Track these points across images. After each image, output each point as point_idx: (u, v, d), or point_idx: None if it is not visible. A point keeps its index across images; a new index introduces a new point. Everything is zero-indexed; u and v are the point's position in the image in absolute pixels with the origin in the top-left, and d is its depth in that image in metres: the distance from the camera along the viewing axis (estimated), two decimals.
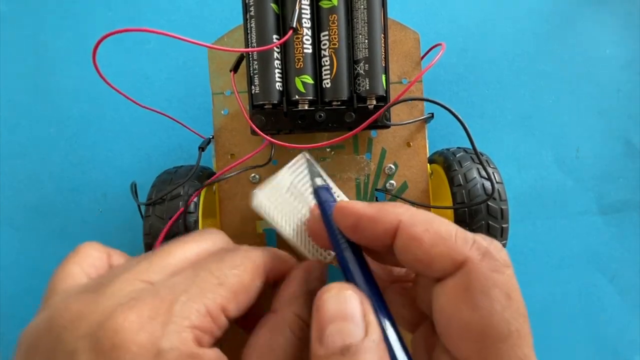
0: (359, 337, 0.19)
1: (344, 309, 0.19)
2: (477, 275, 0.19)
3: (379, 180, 0.33)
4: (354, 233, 0.22)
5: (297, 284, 0.24)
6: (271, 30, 0.29)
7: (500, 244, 0.20)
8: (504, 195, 0.30)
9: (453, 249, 0.19)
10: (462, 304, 0.19)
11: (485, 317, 0.18)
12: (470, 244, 0.19)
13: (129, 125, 0.44)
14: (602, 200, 0.44)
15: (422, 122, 0.33)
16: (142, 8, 0.44)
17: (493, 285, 0.18)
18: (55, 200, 0.44)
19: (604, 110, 0.44)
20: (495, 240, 0.20)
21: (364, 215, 0.22)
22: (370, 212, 0.21)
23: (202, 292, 0.20)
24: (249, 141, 0.33)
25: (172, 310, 0.19)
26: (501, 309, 0.18)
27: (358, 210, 0.22)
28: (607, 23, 0.44)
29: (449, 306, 0.19)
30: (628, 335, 0.44)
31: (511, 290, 0.19)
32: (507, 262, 0.19)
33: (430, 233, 0.20)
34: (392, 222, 0.21)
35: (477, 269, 0.19)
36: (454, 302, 0.19)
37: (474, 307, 0.18)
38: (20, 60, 0.44)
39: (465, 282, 0.19)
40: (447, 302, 0.19)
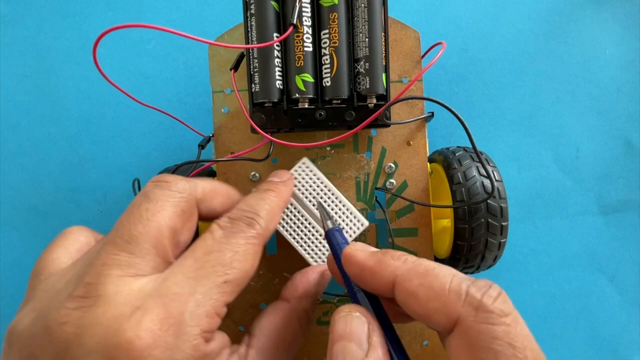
0: (359, 357, 0.19)
1: (350, 329, 0.20)
2: (474, 332, 0.18)
3: (379, 179, 0.33)
4: (359, 282, 0.22)
5: (311, 284, 0.27)
6: (271, 28, 0.29)
7: (496, 290, 0.19)
8: (504, 193, 0.30)
9: (447, 304, 0.19)
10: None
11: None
12: (462, 298, 0.19)
13: (129, 125, 0.44)
14: (602, 200, 0.44)
15: (422, 121, 0.33)
16: (142, 8, 0.44)
17: (492, 339, 0.18)
18: (55, 200, 0.44)
19: (604, 110, 0.44)
20: (493, 286, 0.19)
21: (365, 267, 0.22)
22: (370, 264, 0.21)
23: (209, 295, 0.20)
24: (249, 139, 0.33)
25: (183, 319, 0.19)
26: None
27: (359, 261, 0.22)
28: (607, 23, 0.44)
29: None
30: (628, 335, 0.44)
31: (513, 339, 0.18)
32: (504, 310, 0.18)
33: (425, 288, 0.20)
34: (389, 277, 0.21)
35: (472, 325, 0.18)
36: (462, 358, 0.19)
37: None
38: (20, 60, 0.44)
39: (465, 340, 0.18)
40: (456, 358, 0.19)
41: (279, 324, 0.24)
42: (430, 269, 0.20)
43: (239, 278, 0.22)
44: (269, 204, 0.25)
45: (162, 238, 0.21)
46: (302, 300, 0.26)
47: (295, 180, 0.30)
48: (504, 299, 0.19)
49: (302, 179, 0.31)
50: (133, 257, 0.21)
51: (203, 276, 0.21)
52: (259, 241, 0.23)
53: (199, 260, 0.21)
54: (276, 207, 0.26)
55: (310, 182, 0.31)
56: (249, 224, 0.23)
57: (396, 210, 0.33)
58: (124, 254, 0.21)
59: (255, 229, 0.23)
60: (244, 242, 0.23)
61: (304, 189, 0.30)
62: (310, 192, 0.31)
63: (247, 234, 0.23)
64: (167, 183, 0.23)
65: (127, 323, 0.19)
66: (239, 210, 0.24)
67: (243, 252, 0.22)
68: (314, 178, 0.31)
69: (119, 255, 0.20)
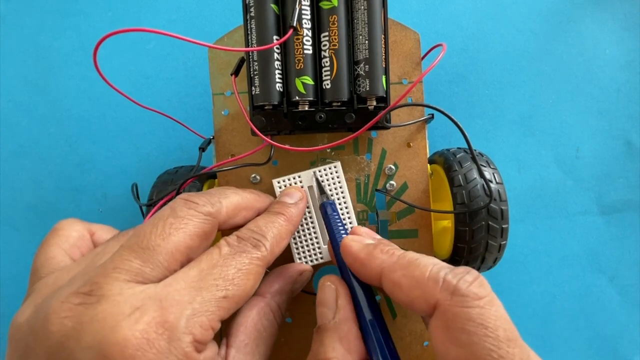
0: (328, 318, 0.23)
1: (322, 296, 0.25)
2: (450, 315, 0.20)
3: (379, 180, 0.33)
4: (354, 271, 0.25)
5: (288, 281, 0.28)
6: (271, 30, 0.29)
7: (473, 275, 0.21)
8: (504, 195, 0.30)
9: (426, 291, 0.21)
10: (448, 343, 0.20)
11: (469, 351, 0.19)
12: (440, 284, 0.20)
13: (129, 125, 0.44)
14: (602, 200, 0.44)
15: (422, 123, 0.33)
16: (142, 8, 0.44)
17: (467, 320, 0.19)
18: (55, 200, 0.44)
19: (604, 110, 0.44)
20: (471, 272, 0.21)
21: (356, 259, 0.24)
22: (362, 257, 0.24)
23: (207, 306, 0.21)
24: (249, 141, 0.33)
25: (178, 325, 0.20)
26: (479, 340, 0.19)
27: (352, 253, 0.24)
28: (607, 23, 0.44)
29: (438, 345, 0.20)
30: (628, 335, 0.44)
31: (486, 320, 0.19)
32: (478, 294, 0.20)
33: (407, 278, 0.21)
34: (377, 270, 0.23)
35: (448, 309, 0.20)
36: (440, 341, 0.20)
37: (457, 344, 0.19)
38: (20, 60, 0.44)
39: (442, 322, 0.20)
40: (436, 341, 0.20)
41: (254, 319, 0.25)
42: (413, 259, 0.22)
43: (238, 296, 0.22)
44: (277, 228, 0.26)
45: (177, 254, 0.22)
46: (276, 296, 0.27)
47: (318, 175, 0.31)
48: (479, 283, 0.20)
49: (325, 180, 0.31)
50: (144, 266, 0.21)
51: (204, 287, 0.21)
52: (262, 263, 0.24)
53: (203, 272, 0.22)
54: (284, 233, 0.26)
55: (331, 187, 0.31)
56: (255, 246, 0.24)
57: (396, 212, 0.33)
58: (137, 261, 0.21)
59: (261, 251, 0.24)
60: (248, 261, 0.23)
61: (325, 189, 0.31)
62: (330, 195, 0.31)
63: (252, 254, 0.23)
64: (196, 205, 0.24)
65: (124, 322, 0.19)
66: (248, 230, 0.25)
67: (246, 270, 0.23)
68: (337, 184, 0.31)
69: (131, 262, 0.21)
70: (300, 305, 0.34)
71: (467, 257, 0.31)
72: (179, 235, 0.22)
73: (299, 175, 0.31)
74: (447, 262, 0.33)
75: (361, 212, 0.33)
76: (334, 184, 0.31)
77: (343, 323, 0.23)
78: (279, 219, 0.27)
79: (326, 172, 0.31)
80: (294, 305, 0.34)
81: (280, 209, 0.28)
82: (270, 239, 0.25)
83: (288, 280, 0.28)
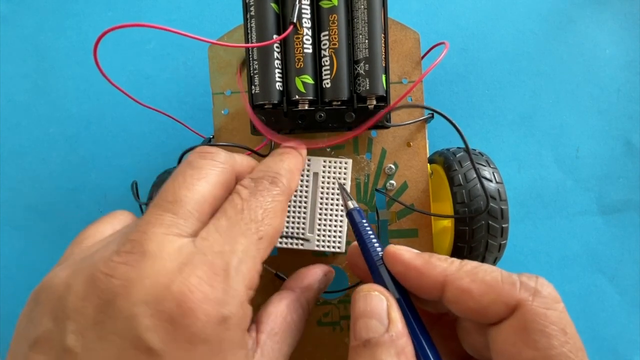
0: (380, 332, 0.21)
1: (370, 307, 0.22)
2: (532, 315, 0.19)
3: (379, 180, 0.33)
4: (404, 282, 0.23)
5: (316, 279, 0.28)
6: (271, 29, 0.29)
7: (546, 281, 0.20)
8: (504, 195, 0.30)
9: (503, 294, 0.20)
10: (522, 345, 0.19)
11: (546, 354, 0.19)
12: (518, 286, 0.20)
13: (129, 125, 0.44)
14: (602, 200, 0.44)
15: (422, 122, 0.33)
16: (142, 8, 0.44)
17: (549, 323, 0.19)
18: (55, 200, 0.44)
19: (604, 110, 0.44)
20: (540, 277, 0.21)
21: (411, 266, 0.22)
22: (418, 264, 0.22)
23: (249, 251, 0.21)
24: (249, 141, 0.33)
25: (229, 276, 0.20)
26: (560, 345, 0.19)
27: (405, 261, 0.23)
28: (607, 23, 0.44)
29: (510, 347, 0.20)
30: (628, 335, 0.44)
31: (566, 325, 0.19)
32: (557, 297, 0.20)
33: (477, 283, 0.21)
34: (439, 277, 0.22)
35: (531, 309, 0.19)
36: (513, 343, 0.20)
37: (534, 346, 0.19)
38: (20, 60, 0.44)
39: (521, 323, 0.19)
40: (507, 344, 0.20)
41: (284, 311, 0.25)
42: (477, 266, 0.21)
43: (271, 234, 0.22)
44: (288, 164, 0.26)
45: (204, 203, 0.22)
46: (305, 292, 0.27)
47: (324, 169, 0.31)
48: (552, 287, 0.20)
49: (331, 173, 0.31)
50: (176, 218, 0.21)
51: (240, 234, 0.21)
52: (284, 198, 0.24)
53: (232, 219, 0.22)
54: (294, 167, 0.26)
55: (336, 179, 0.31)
56: (272, 182, 0.24)
57: (396, 212, 0.33)
58: (168, 215, 0.21)
59: (279, 186, 0.24)
60: (271, 199, 0.23)
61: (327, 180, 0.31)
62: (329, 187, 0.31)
63: (272, 191, 0.23)
64: (211, 154, 0.24)
65: (177, 277, 0.19)
66: (260, 171, 0.25)
67: (272, 208, 0.23)
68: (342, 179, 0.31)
69: (163, 216, 0.21)
70: None
71: (467, 257, 0.31)
72: (202, 184, 0.22)
73: (309, 159, 0.31)
74: None
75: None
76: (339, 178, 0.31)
77: (400, 337, 0.21)
78: (285, 156, 0.27)
79: (335, 164, 0.31)
80: None
81: (283, 150, 0.28)
82: (284, 173, 0.25)
83: (315, 278, 0.28)
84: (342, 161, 0.31)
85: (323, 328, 0.34)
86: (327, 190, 0.31)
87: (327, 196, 0.31)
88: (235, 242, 0.21)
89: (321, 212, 0.31)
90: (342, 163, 0.31)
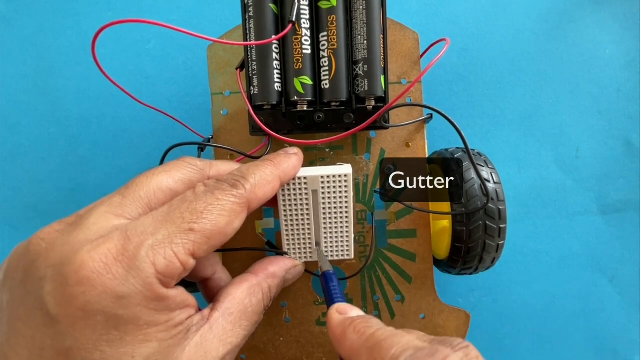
0: None
1: None
2: None
3: (378, 180, 0.33)
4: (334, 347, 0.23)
5: (282, 268, 0.29)
6: (270, 30, 0.29)
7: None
8: (502, 195, 0.30)
9: None
10: None
11: None
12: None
13: (129, 125, 0.44)
14: (602, 200, 0.44)
15: (421, 123, 0.33)
16: (142, 8, 0.44)
17: None
18: (55, 200, 0.44)
19: (604, 110, 0.44)
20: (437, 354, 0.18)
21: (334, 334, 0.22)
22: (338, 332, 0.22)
23: (170, 238, 0.21)
24: (248, 141, 0.33)
25: (138, 254, 0.20)
26: None
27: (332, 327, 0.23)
28: (607, 23, 0.44)
29: None
30: (628, 335, 0.44)
31: None
32: None
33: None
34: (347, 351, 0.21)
35: None
36: None
37: None
38: (20, 60, 0.44)
39: None
40: None
41: (243, 293, 0.25)
42: (381, 340, 0.20)
43: (209, 230, 0.22)
44: (262, 171, 0.25)
45: (158, 191, 0.23)
46: (268, 278, 0.27)
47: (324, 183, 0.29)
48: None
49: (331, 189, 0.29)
50: (124, 200, 0.22)
51: (169, 220, 0.21)
52: (240, 201, 0.23)
53: (172, 206, 0.22)
54: (269, 176, 0.25)
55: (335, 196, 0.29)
56: (232, 185, 0.23)
57: (395, 212, 0.33)
58: (119, 196, 0.22)
59: (238, 189, 0.23)
60: (222, 197, 0.23)
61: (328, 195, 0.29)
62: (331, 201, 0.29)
63: (228, 192, 0.23)
64: (186, 157, 0.25)
65: (86, 246, 0.20)
66: (229, 174, 0.25)
67: (219, 206, 0.22)
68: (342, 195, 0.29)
69: (113, 197, 0.22)
70: (299, 305, 0.34)
71: (464, 257, 0.31)
72: (162, 176, 0.23)
73: (304, 177, 0.28)
74: (446, 262, 0.33)
75: (360, 211, 0.33)
76: (339, 194, 0.29)
77: None
78: (265, 164, 0.26)
79: (334, 180, 0.29)
80: (292, 304, 0.34)
81: (269, 156, 0.27)
82: (251, 180, 0.24)
83: (282, 267, 0.29)
84: (342, 175, 0.28)
85: (322, 328, 0.34)
86: (329, 204, 0.29)
87: (330, 209, 0.29)
88: (162, 227, 0.21)
89: (325, 224, 0.30)
90: (342, 177, 0.28)
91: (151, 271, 0.20)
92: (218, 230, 0.22)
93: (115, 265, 0.19)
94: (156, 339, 0.20)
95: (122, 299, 0.19)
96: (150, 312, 0.20)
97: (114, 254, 0.19)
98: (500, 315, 0.44)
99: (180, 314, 0.22)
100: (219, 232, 0.22)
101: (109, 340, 0.19)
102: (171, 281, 0.21)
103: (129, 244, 0.20)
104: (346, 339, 0.21)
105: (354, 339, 0.21)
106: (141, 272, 0.20)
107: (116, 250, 0.20)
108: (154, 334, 0.20)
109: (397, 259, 0.33)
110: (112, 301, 0.19)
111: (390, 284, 0.34)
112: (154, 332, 0.20)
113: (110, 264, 0.19)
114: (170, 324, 0.21)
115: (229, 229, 0.23)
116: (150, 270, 0.20)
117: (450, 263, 0.33)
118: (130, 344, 0.20)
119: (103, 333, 0.19)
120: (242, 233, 0.33)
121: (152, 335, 0.20)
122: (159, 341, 0.20)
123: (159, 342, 0.20)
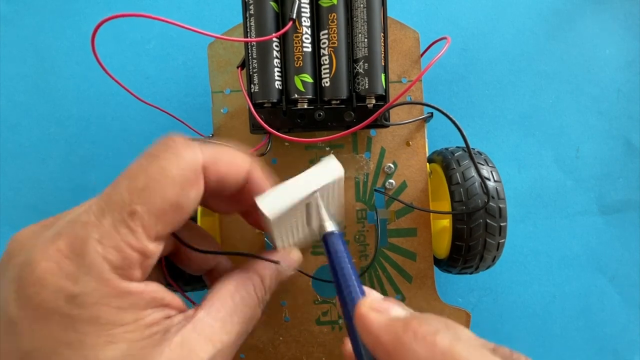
0: None
1: None
2: None
3: (378, 179, 0.33)
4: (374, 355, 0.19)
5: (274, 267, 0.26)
6: (271, 28, 0.29)
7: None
8: (502, 194, 0.30)
9: None
10: None
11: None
12: None
13: (129, 125, 0.44)
14: (602, 200, 0.44)
15: (422, 122, 0.33)
16: (142, 8, 0.44)
17: None
18: (55, 200, 0.44)
19: (604, 110, 0.44)
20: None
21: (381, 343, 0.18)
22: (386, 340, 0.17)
23: (115, 227, 0.19)
24: (248, 139, 0.33)
25: (86, 249, 0.18)
26: None
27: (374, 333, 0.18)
28: (607, 23, 0.44)
29: None
30: (628, 335, 0.44)
31: None
32: None
33: None
34: None
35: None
36: None
37: None
38: (20, 60, 0.44)
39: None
40: None
41: (231, 289, 0.23)
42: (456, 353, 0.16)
43: (157, 207, 0.19)
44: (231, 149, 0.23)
45: None
46: (260, 270, 0.25)
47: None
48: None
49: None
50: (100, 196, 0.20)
51: (111, 203, 0.19)
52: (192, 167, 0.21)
53: (113, 187, 0.20)
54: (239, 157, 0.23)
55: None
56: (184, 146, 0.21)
57: (395, 211, 0.33)
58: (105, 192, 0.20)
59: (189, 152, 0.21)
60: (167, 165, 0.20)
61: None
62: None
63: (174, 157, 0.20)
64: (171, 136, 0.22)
65: (42, 245, 0.18)
66: None
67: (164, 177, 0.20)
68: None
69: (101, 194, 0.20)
70: (298, 304, 0.34)
71: (465, 256, 0.31)
72: None
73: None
74: (446, 261, 0.33)
75: (360, 210, 0.33)
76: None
77: None
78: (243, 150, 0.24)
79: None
80: (292, 303, 0.34)
81: None
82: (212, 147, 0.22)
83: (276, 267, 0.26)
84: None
85: (322, 327, 0.34)
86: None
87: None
88: (105, 214, 0.19)
89: None
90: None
91: (105, 267, 0.18)
92: (169, 205, 0.19)
93: (66, 264, 0.18)
94: (124, 340, 0.19)
95: (77, 298, 0.18)
96: (112, 311, 0.18)
97: (64, 252, 0.18)
98: (500, 315, 0.44)
99: (153, 313, 0.20)
100: (171, 206, 0.20)
101: (69, 342, 0.18)
102: (134, 272, 0.19)
103: (76, 238, 0.18)
104: (407, 351, 0.16)
105: (420, 353, 0.16)
106: (93, 268, 0.18)
107: (66, 248, 0.18)
108: (120, 335, 0.19)
109: (398, 258, 0.33)
110: (66, 300, 0.18)
111: (391, 283, 0.34)
112: (121, 332, 0.19)
113: (62, 262, 0.18)
114: (140, 323, 0.19)
115: (184, 201, 0.20)
116: (104, 266, 0.18)
117: (450, 262, 0.32)
118: (92, 346, 0.18)
119: (62, 335, 0.18)
120: (241, 231, 0.34)
121: (118, 336, 0.19)
122: (127, 342, 0.19)
123: (127, 344, 0.19)
